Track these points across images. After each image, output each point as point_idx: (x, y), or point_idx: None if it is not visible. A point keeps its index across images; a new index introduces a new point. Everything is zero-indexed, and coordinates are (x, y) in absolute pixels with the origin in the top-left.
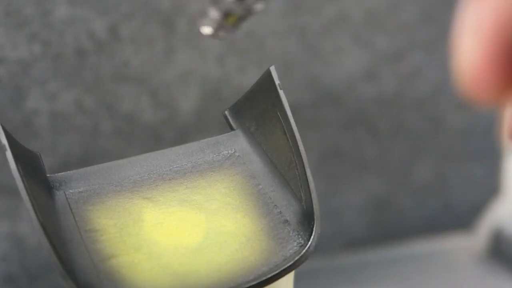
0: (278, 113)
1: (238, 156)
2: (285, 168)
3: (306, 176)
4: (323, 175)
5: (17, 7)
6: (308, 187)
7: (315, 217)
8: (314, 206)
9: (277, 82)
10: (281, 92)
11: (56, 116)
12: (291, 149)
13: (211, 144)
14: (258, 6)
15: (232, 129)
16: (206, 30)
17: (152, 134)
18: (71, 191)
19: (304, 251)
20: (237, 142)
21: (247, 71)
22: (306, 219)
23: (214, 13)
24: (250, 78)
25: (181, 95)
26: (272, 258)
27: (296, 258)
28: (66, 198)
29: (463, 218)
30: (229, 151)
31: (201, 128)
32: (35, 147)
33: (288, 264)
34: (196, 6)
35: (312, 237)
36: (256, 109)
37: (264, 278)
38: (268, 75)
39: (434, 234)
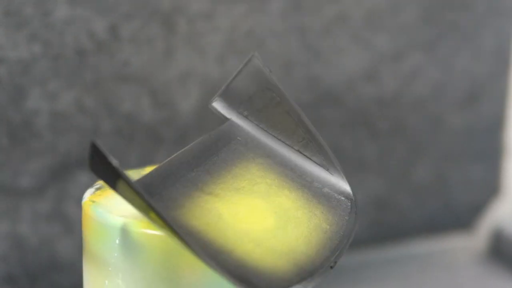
0: (273, 93)
1: (246, 141)
2: (294, 141)
3: (321, 143)
4: None
5: (17, 7)
6: (326, 151)
7: (343, 178)
8: (337, 167)
9: (267, 67)
10: (272, 75)
11: (56, 116)
12: (294, 124)
13: (216, 137)
14: None
15: (224, 118)
16: None
17: (152, 134)
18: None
19: (355, 208)
20: (238, 129)
21: None
22: (336, 181)
23: None
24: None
25: (181, 95)
26: (338, 220)
27: (355, 216)
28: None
29: (463, 218)
30: (237, 139)
31: (201, 128)
32: (35, 147)
33: (354, 219)
34: (196, 6)
35: (352, 195)
36: (245, 95)
37: (347, 239)
38: (253, 62)
39: (434, 234)
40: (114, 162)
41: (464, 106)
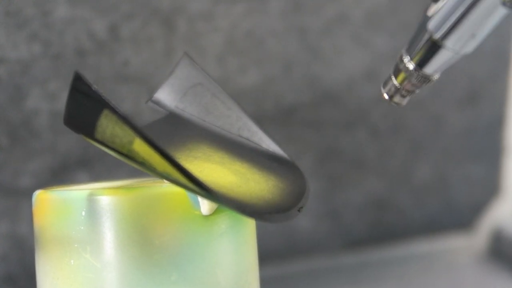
0: (206, 87)
1: (188, 128)
2: (232, 127)
3: (255, 125)
4: (323, 175)
5: (17, 7)
6: (261, 132)
7: (283, 154)
8: (275, 145)
9: (199, 65)
10: (205, 71)
11: (56, 116)
12: (229, 111)
13: (160, 126)
14: (435, 76)
15: (163, 111)
16: (385, 95)
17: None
18: None
19: (300, 170)
20: (178, 120)
21: (247, 71)
22: (277, 156)
23: (393, 80)
24: (250, 78)
25: None
26: (292, 182)
27: (304, 177)
28: None
29: (463, 218)
30: (179, 127)
31: None
32: (35, 147)
33: (306, 182)
34: (196, 6)
35: (296, 166)
36: (179, 91)
37: (306, 193)
38: (185, 61)
39: (434, 234)
40: (99, 91)
41: (464, 106)
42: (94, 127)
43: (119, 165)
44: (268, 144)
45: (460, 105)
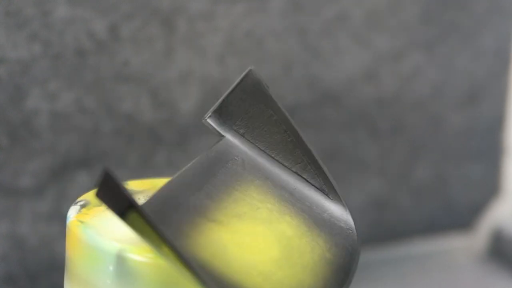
0: (271, 111)
1: (243, 161)
2: (291, 162)
3: (320, 166)
4: None
5: (17, 7)
6: (325, 174)
7: (344, 204)
8: (337, 191)
9: (264, 83)
10: (270, 92)
11: (56, 116)
12: (293, 144)
13: (213, 157)
14: None
15: (219, 135)
16: None
17: (152, 134)
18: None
19: (355, 235)
20: (234, 149)
21: None
22: (337, 207)
23: None
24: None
25: (181, 95)
26: (341, 250)
27: (356, 243)
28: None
29: (463, 218)
30: (234, 159)
31: (201, 128)
32: (35, 147)
33: (357, 250)
34: (196, 6)
35: (353, 224)
36: (241, 111)
37: (352, 273)
38: (250, 77)
39: (434, 234)
40: (128, 192)
41: (464, 106)
42: (123, 215)
43: (119, 165)
44: (330, 193)
45: (460, 105)
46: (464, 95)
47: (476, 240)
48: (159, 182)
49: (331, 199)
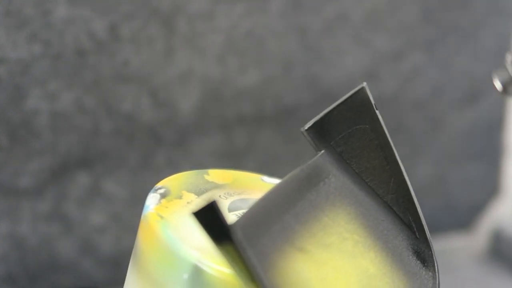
0: (374, 134)
1: (336, 183)
2: (384, 191)
3: (413, 201)
4: None
5: (17, 7)
6: (416, 211)
7: (431, 245)
8: (425, 230)
9: (373, 102)
10: (378, 113)
11: (56, 116)
12: (389, 172)
13: (307, 174)
14: None
15: (316, 149)
16: (497, 85)
17: (152, 134)
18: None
19: (437, 282)
20: (329, 166)
21: (247, 71)
22: (422, 247)
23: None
24: (250, 78)
25: (181, 95)
26: None
27: None
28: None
29: (463, 218)
30: (328, 178)
31: (201, 128)
32: (35, 147)
33: None
34: (196, 6)
35: (436, 267)
36: (343, 128)
37: None
38: (360, 94)
39: (434, 234)
40: (230, 225)
41: (464, 106)
42: (219, 241)
43: (120, 165)
44: (418, 231)
45: (460, 105)
46: (464, 95)
47: (476, 240)
48: (240, 176)
49: (418, 238)
